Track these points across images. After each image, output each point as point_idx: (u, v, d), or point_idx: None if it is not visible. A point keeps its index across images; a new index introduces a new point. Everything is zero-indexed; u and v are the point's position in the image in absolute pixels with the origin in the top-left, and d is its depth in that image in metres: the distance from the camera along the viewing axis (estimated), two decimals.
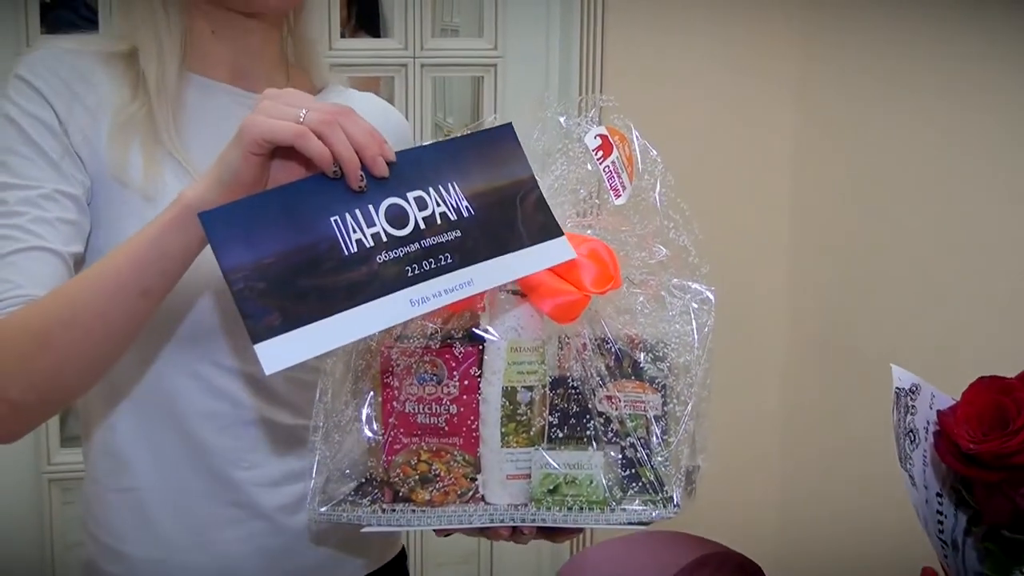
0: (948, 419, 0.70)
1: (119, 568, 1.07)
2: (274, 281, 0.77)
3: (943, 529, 0.74)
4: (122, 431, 1.04)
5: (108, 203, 0.99)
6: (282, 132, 0.76)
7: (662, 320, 0.87)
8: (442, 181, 0.84)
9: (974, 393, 0.70)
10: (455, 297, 0.82)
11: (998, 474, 0.67)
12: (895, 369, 0.74)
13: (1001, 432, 0.66)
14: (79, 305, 0.85)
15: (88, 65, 1.01)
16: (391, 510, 0.87)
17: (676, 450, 0.85)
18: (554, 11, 2.17)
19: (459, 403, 0.88)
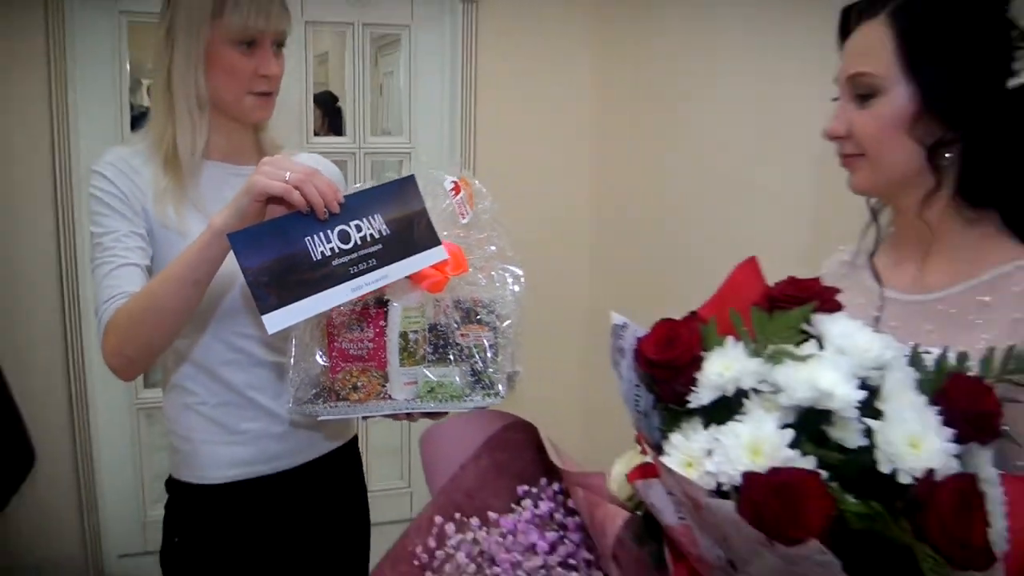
0: (644, 341, 0.94)
1: (191, 463, 1.65)
2: (272, 276, 1.26)
3: (639, 405, 0.97)
4: (185, 373, 1.64)
5: (159, 238, 1.57)
6: (274, 188, 1.28)
7: (493, 289, 1.39)
8: (371, 213, 1.34)
9: (657, 328, 0.95)
10: (378, 286, 1.32)
11: (666, 372, 0.91)
12: (613, 315, 0.97)
13: (668, 350, 0.91)
14: (158, 295, 1.41)
15: (134, 161, 1.58)
16: (334, 406, 1.38)
17: (501, 364, 1.37)
18: (444, 116, 3.29)
19: (374, 342, 1.38)
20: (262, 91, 1.58)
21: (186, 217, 1.57)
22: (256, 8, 1.52)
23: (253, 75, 1.56)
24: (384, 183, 1.37)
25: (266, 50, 1.56)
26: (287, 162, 1.32)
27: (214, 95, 1.57)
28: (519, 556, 0.87)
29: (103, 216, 1.54)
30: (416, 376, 1.38)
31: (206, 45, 1.53)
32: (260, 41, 1.55)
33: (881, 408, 0.83)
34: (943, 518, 0.77)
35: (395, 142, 3.34)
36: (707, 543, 0.82)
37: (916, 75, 1.06)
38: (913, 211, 1.13)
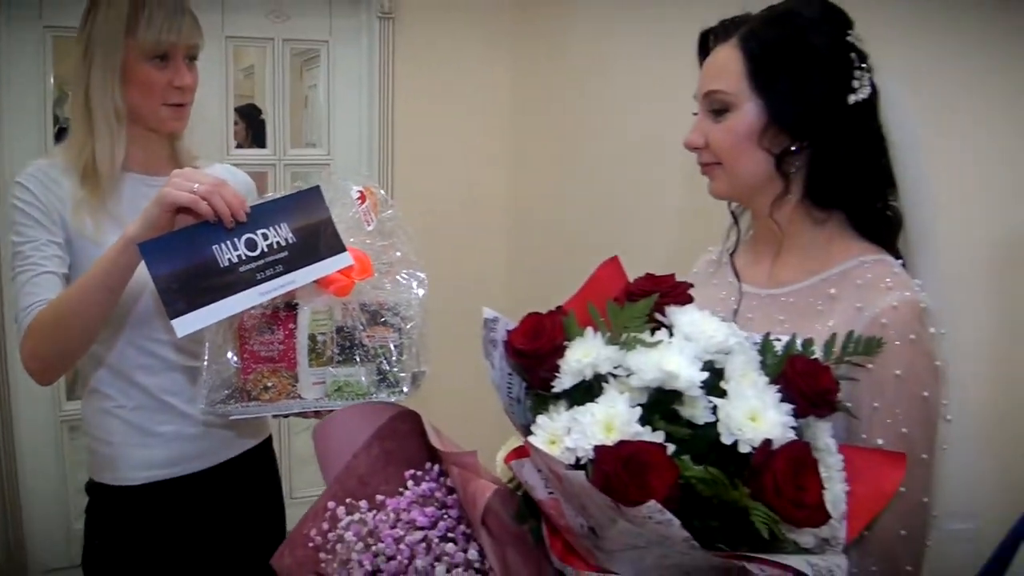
0: (513, 333, 1.01)
1: (110, 466, 1.69)
2: (181, 283, 1.32)
3: (511, 392, 1.04)
4: (102, 378, 1.68)
5: (76, 248, 1.61)
6: (182, 199, 1.35)
7: (398, 292, 1.46)
8: (277, 222, 1.41)
9: (524, 321, 1.01)
10: (284, 291, 1.39)
11: (530, 361, 0.98)
12: (485, 310, 1.04)
13: (534, 340, 0.98)
14: (74, 301, 1.47)
15: (53, 172, 1.63)
16: (246, 406, 1.44)
17: (406, 364, 1.45)
18: (362, 127, 3.39)
19: (284, 344, 1.44)
20: (176, 102, 1.65)
21: (103, 227, 1.61)
22: (168, 24, 1.59)
23: (167, 87, 1.62)
24: (290, 193, 1.44)
25: (179, 63, 1.62)
26: (196, 174, 1.39)
27: (131, 107, 1.63)
28: (402, 532, 0.94)
29: (23, 226, 1.58)
30: (324, 376, 1.44)
31: (122, 60, 1.59)
32: (173, 55, 1.61)
33: (725, 388, 0.93)
34: (777, 481, 0.86)
35: (315, 154, 3.44)
36: (571, 513, 0.90)
37: (763, 92, 1.17)
38: (766, 214, 1.24)
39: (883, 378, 1.08)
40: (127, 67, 1.60)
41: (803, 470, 0.88)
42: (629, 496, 0.80)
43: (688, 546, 0.82)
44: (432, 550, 0.94)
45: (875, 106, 1.19)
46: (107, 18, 1.59)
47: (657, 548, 0.86)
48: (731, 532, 0.90)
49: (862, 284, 1.16)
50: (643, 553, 0.89)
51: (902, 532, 1.09)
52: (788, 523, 0.87)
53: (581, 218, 3.15)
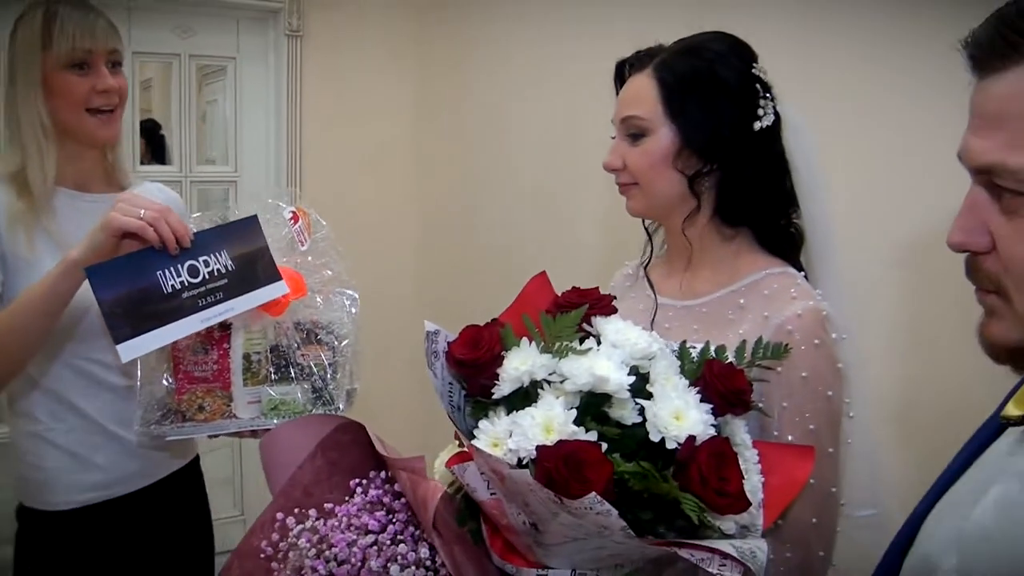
0: (453, 344, 1.05)
1: (42, 490, 1.67)
2: (126, 307, 1.34)
3: (453, 400, 1.08)
4: (33, 400, 1.65)
5: (9, 265, 1.58)
6: (130, 225, 1.36)
7: (331, 311, 1.51)
8: (217, 250, 1.44)
9: (463, 333, 1.06)
10: (224, 318, 1.42)
11: (471, 370, 1.03)
12: (426, 323, 1.07)
13: (473, 350, 1.03)
14: (10, 324, 1.44)
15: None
16: (181, 426, 1.46)
17: (340, 381, 1.49)
18: (271, 147, 3.43)
19: (219, 364, 1.48)
20: (101, 106, 1.64)
21: (36, 244, 1.60)
22: (80, 30, 1.59)
23: (91, 93, 1.61)
24: (229, 222, 1.47)
25: (100, 68, 1.62)
26: (142, 199, 1.41)
27: (58, 121, 1.62)
28: (353, 536, 0.98)
29: None
30: (260, 395, 1.47)
31: (42, 74, 1.59)
32: (92, 61, 1.61)
33: (651, 390, 1.01)
34: (703, 473, 0.93)
35: (221, 171, 3.44)
36: (513, 511, 0.96)
37: (677, 119, 1.27)
38: (679, 230, 1.33)
39: (791, 380, 1.18)
40: (48, 79, 1.60)
41: (725, 463, 0.96)
42: (571, 490, 0.86)
43: (625, 535, 0.89)
44: (383, 552, 0.98)
45: (778, 132, 1.29)
46: (24, 35, 1.60)
47: (595, 539, 0.92)
48: (660, 523, 0.97)
49: (769, 294, 1.25)
50: (581, 545, 0.95)
51: (813, 520, 1.18)
52: (713, 511, 0.94)
53: (486, 225, 3.28)
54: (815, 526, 1.18)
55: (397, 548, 0.98)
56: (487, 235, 3.28)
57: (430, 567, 0.99)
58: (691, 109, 1.26)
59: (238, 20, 3.38)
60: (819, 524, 1.19)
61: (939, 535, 0.81)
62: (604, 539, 0.92)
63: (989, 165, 0.70)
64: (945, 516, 0.82)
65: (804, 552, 1.19)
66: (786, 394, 1.18)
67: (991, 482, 0.77)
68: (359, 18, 3.51)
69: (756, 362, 1.12)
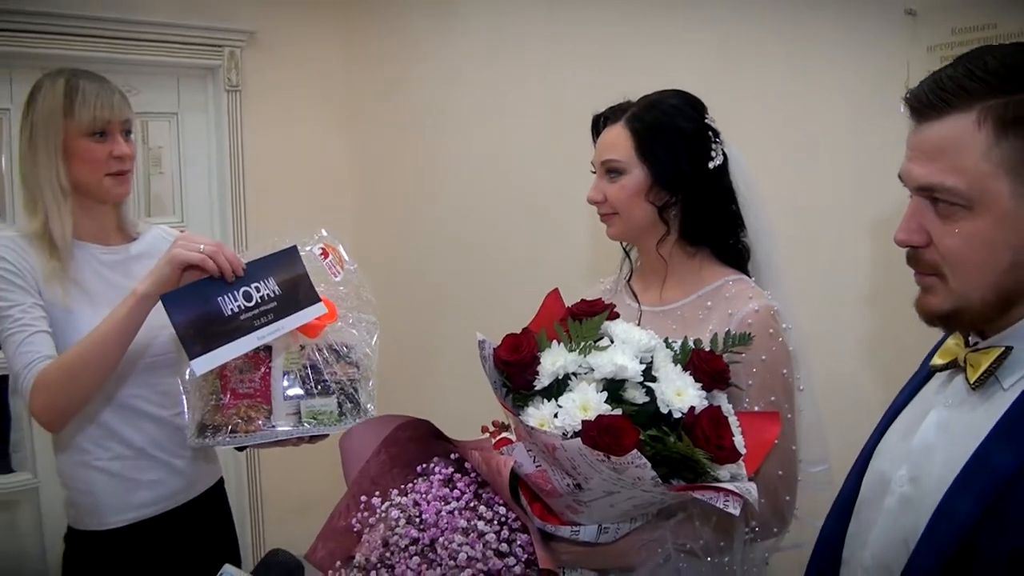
0: (498, 350, 1.27)
1: (91, 513, 1.81)
2: (196, 329, 1.53)
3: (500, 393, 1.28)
4: (83, 434, 1.80)
5: (50, 314, 1.73)
6: (193, 258, 1.55)
7: (355, 335, 1.73)
8: (265, 277, 1.63)
9: (505, 340, 1.27)
10: (276, 336, 1.62)
11: (515, 369, 1.25)
12: (477, 334, 1.28)
13: (515, 353, 1.25)
14: (89, 355, 1.60)
15: (22, 244, 1.75)
16: (232, 438, 1.63)
17: (365, 391, 1.71)
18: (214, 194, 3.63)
19: (262, 380, 1.66)
20: (117, 171, 1.79)
21: (70, 293, 1.76)
22: (100, 102, 1.75)
23: (108, 158, 1.77)
24: (272, 253, 1.67)
25: (116, 136, 1.78)
26: (198, 237, 1.61)
27: (76, 182, 1.77)
28: (440, 505, 1.22)
29: (6, 291, 1.70)
30: (298, 407, 1.67)
31: (63, 140, 1.74)
32: (109, 130, 1.77)
33: (655, 375, 1.27)
34: (705, 432, 1.19)
35: (168, 220, 3.49)
36: (558, 477, 1.20)
37: (647, 160, 1.54)
38: (652, 250, 1.61)
39: (753, 362, 1.45)
40: (68, 145, 1.74)
41: (720, 424, 1.22)
42: (614, 450, 1.12)
43: (653, 483, 1.14)
44: (463, 514, 1.22)
45: (727, 168, 1.58)
46: (46, 104, 1.74)
47: (628, 491, 1.18)
48: (672, 477, 1.22)
49: (730, 296, 1.53)
50: (614, 499, 1.21)
51: (780, 472, 1.46)
52: (715, 462, 1.20)
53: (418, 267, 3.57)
54: (781, 477, 1.46)
55: (476, 510, 1.22)
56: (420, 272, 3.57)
57: (504, 521, 1.23)
58: (659, 152, 1.54)
59: (178, 78, 3.55)
60: (784, 475, 1.46)
61: (890, 455, 1.08)
62: (635, 489, 1.17)
63: (930, 185, 0.97)
64: (893, 441, 1.10)
65: (774, 498, 1.46)
66: (750, 373, 1.46)
67: (927, 411, 1.06)
68: (293, 71, 3.73)
69: (727, 349, 1.40)
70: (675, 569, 1.40)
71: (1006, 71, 0.92)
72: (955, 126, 0.94)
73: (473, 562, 1.16)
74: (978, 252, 0.94)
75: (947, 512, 0.93)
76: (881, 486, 1.07)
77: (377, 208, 3.83)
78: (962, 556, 0.91)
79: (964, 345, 1.03)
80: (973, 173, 0.93)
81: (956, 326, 1.02)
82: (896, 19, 1.99)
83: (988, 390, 0.98)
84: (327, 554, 1.34)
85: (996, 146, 0.91)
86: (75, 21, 3.14)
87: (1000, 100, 0.92)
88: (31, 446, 3.20)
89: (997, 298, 0.95)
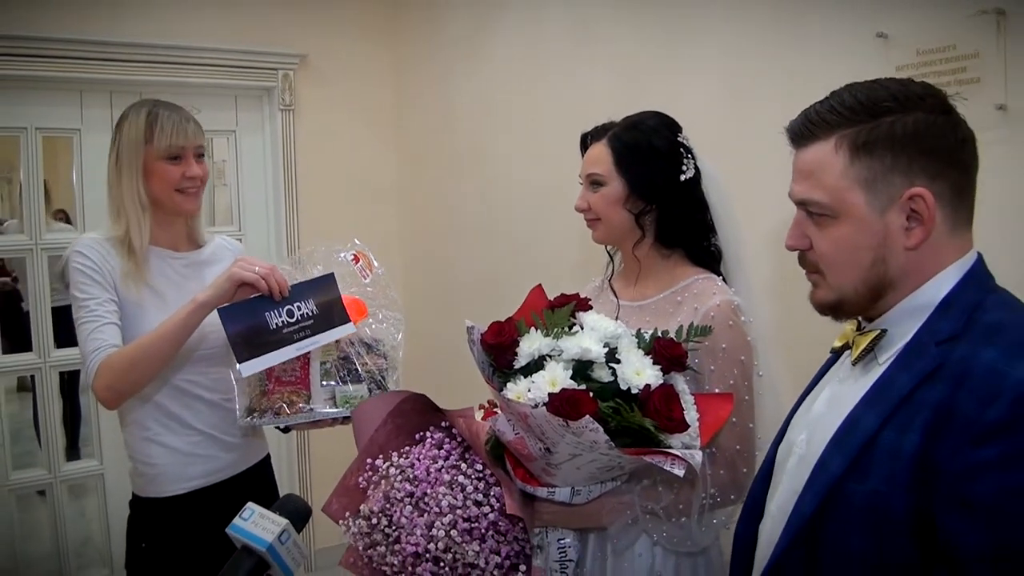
0: (485, 335, 1.48)
1: (153, 482, 2.05)
2: (245, 338, 1.79)
3: (486, 372, 1.51)
4: (146, 413, 2.04)
5: (123, 307, 1.99)
6: (248, 277, 1.81)
7: (383, 329, 1.96)
8: (305, 298, 1.88)
9: (491, 327, 1.49)
10: (311, 348, 1.86)
11: (498, 351, 1.47)
12: (466, 321, 1.51)
13: (499, 337, 1.47)
14: (151, 347, 1.85)
15: (105, 246, 2.00)
16: (276, 418, 1.88)
17: (392, 379, 1.94)
18: (270, 206, 3.99)
19: (302, 370, 1.91)
20: (187, 189, 2.04)
21: (142, 292, 2.00)
22: (176, 131, 2.01)
23: (181, 178, 2.02)
24: (313, 278, 1.93)
25: (189, 159, 2.03)
26: (254, 260, 1.87)
27: (153, 197, 2.02)
28: (428, 462, 1.47)
29: (85, 284, 1.95)
30: (334, 392, 1.91)
31: (144, 162, 2.00)
32: (183, 155, 2.02)
33: (619, 358, 1.49)
34: (657, 406, 1.39)
35: (227, 230, 3.80)
36: (532, 441, 1.42)
37: (625, 174, 1.74)
38: (630, 253, 1.80)
39: (715, 350, 1.63)
40: (148, 166, 2.00)
41: (671, 399, 1.40)
42: (571, 416, 1.33)
43: (608, 447, 1.34)
44: (449, 471, 1.46)
45: (698, 181, 1.76)
46: (131, 132, 2.01)
47: (588, 453, 1.38)
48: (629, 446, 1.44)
49: (697, 292, 1.71)
50: (579, 461, 1.41)
51: (737, 447, 1.62)
52: (665, 431, 1.39)
53: (460, 277, 3.81)
54: (739, 451, 1.62)
55: (459, 467, 1.46)
56: (462, 281, 3.80)
57: (482, 475, 1.47)
58: (635, 167, 1.73)
59: (236, 97, 3.88)
60: (742, 450, 1.63)
61: (797, 425, 1.27)
62: (594, 452, 1.38)
63: (804, 199, 1.16)
64: (800, 415, 1.29)
65: (733, 471, 1.62)
66: (712, 360, 1.63)
67: (823, 388, 1.25)
68: (342, 90, 4.03)
69: (689, 339, 1.60)
70: (642, 529, 1.58)
71: (859, 104, 1.11)
72: (819, 151, 1.14)
73: (454, 509, 1.40)
74: (845, 253, 1.14)
75: (823, 465, 1.12)
76: (787, 450, 1.26)
77: (419, 219, 4.13)
78: (832, 499, 1.09)
79: (856, 329, 1.23)
80: (834, 189, 1.12)
81: (842, 314, 1.20)
82: (869, 41, 2.17)
83: (868, 365, 1.17)
84: (340, 507, 1.56)
85: (851, 166, 1.11)
86: (141, 49, 3.47)
87: (853, 129, 1.11)
88: (98, 437, 3.54)
89: (867, 289, 1.14)
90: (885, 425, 1.07)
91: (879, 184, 1.10)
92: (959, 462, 0.98)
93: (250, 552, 1.35)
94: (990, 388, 0.99)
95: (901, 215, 1.10)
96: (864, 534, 1.06)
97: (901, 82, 1.14)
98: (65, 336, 3.38)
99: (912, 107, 1.10)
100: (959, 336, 1.07)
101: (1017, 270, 1.96)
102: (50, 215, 3.58)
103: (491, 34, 3.59)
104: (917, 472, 1.02)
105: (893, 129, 1.09)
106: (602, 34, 3.06)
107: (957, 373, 1.04)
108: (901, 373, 1.10)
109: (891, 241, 1.11)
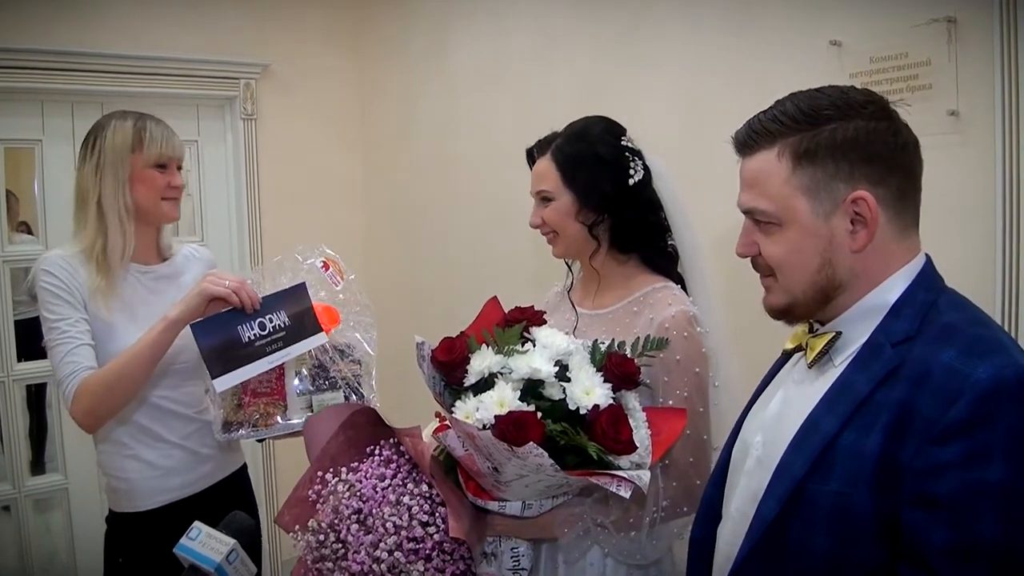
0: (435, 351, 1.46)
1: (127, 496, 2.00)
2: (218, 352, 1.74)
3: (436, 389, 1.50)
4: (121, 431, 1.99)
5: (93, 324, 1.92)
6: (219, 292, 1.76)
7: (355, 336, 1.92)
8: (277, 310, 1.83)
9: (442, 343, 1.46)
10: (284, 360, 1.82)
11: (448, 368, 1.45)
12: (416, 337, 1.48)
13: (449, 354, 1.45)
14: (126, 369, 1.80)
15: (72, 262, 1.91)
16: (253, 431, 1.85)
17: (367, 384, 1.89)
18: (232, 216, 3.88)
19: (277, 380, 1.87)
20: (172, 197, 2.02)
21: (112, 308, 1.93)
22: (165, 141, 1.98)
23: (167, 187, 1.99)
24: (285, 288, 1.88)
25: (173, 169, 2.01)
26: (224, 274, 1.83)
27: (137, 205, 1.97)
28: (376, 480, 1.42)
29: (54, 305, 1.88)
30: (311, 401, 1.87)
31: (131, 170, 1.95)
32: (169, 164, 2.00)
33: (569, 376, 1.45)
34: (604, 428, 1.36)
35: (189, 239, 3.64)
36: (481, 460, 1.37)
37: (572, 187, 1.68)
38: (588, 264, 1.75)
39: (669, 361, 1.57)
40: (135, 174, 1.96)
41: (619, 422, 1.36)
42: (516, 441, 1.30)
43: (554, 470, 1.30)
44: (396, 490, 1.42)
45: (648, 181, 1.70)
46: (116, 139, 1.96)
47: (535, 475, 1.34)
48: (581, 466, 1.40)
49: (653, 303, 1.65)
50: (527, 480, 1.37)
51: (691, 459, 1.57)
52: (612, 453, 1.35)
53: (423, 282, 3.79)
54: (693, 463, 1.57)
55: (406, 487, 1.42)
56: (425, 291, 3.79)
57: (428, 496, 1.43)
58: (581, 179, 1.67)
59: (198, 107, 3.77)
60: (696, 462, 1.57)
61: (751, 427, 1.23)
62: (541, 474, 1.34)
63: (749, 208, 1.13)
64: (753, 416, 1.25)
65: (686, 482, 1.57)
66: (667, 372, 1.57)
67: (777, 389, 1.22)
68: (305, 99, 3.96)
69: (644, 353, 1.57)
70: (593, 540, 1.54)
71: (800, 113, 1.08)
72: (763, 160, 1.11)
73: (399, 529, 1.36)
74: (793, 257, 1.12)
75: (785, 468, 1.10)
76: (743, 452, 1.23)
77: (383, 226, 4.07)
78: (795, 501, 1.07)
79: (808, 332, 1.19)
80: (778, 196, 1.10)
81: (793, 318, 1.18)
82: (823, 49, 2.14)
83: (824, 367, 1.15)
84: (291, 519, 1.53)
85: (794, 174, 1.08)
86: (103, 59, 3.39)
87: (796, 137, 1.08)
88: (62, 452, 3.46)
89: (816, 292, 1.12)
90: (846, 426, 1.06)
91: (822, 191, 1.09)
92: (922, 461, 0.98)
93: (197, 571, 1.34)
94: (951, 388, 0.99)
95: (845, 219, 1.09)
96: (829, 534, 1.05)
97: (842, 90, 1.11)
98: (29, 349, 3.29)
99: (853, 114, 1.08)
100: (914, 337, 1.07)
101: (969, 270, 1.96)
102: (12, 227, 3.47)
103: (455, 42, 3.53)
104: (880, 472, 1.01)
105: (834, 136, 1.08)
106: (563, 43, 3.01)
107: (916, 373, 1.03)
108: (859, 375, 1.08)
109: (837, 245, 1.10)
